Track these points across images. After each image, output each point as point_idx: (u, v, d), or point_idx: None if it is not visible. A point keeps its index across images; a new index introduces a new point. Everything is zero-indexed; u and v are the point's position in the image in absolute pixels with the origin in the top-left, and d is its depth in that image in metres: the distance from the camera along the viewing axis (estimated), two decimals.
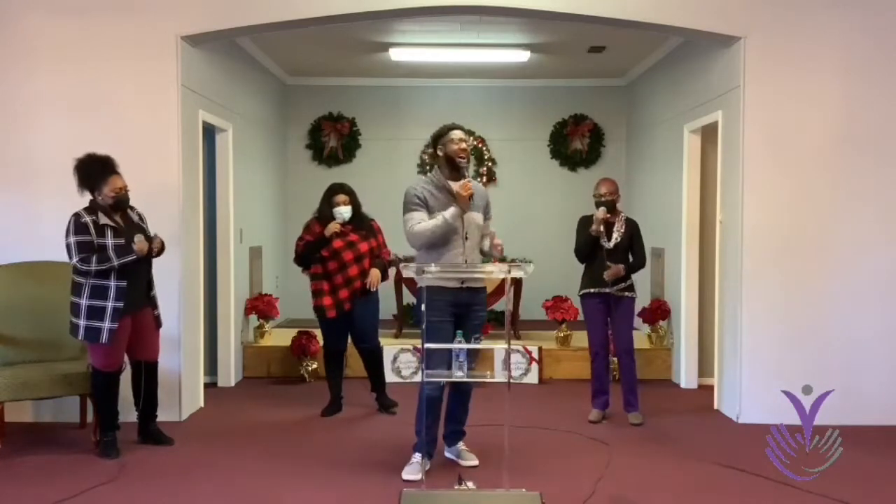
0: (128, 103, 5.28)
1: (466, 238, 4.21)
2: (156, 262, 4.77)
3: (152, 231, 4.72)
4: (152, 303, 4.75)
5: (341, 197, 5.46)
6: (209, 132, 6.22)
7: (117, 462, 4.49)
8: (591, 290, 5.33)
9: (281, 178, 8.80)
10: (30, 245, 5.18)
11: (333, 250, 5.39)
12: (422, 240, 4.21)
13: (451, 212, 4.13)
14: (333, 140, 9.09)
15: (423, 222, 4.18)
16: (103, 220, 4.49)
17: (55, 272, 5.07)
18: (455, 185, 4.19)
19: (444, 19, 6.55)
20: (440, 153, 4.27)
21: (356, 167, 9.02)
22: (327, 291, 5.44)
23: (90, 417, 4.96)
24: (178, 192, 5.31)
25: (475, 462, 4.34)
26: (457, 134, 4.24)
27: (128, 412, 4.83)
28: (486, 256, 4.53)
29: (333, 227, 5.38)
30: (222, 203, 6.44)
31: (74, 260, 4.42)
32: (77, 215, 4.51)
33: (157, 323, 4.80)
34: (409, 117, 9.06)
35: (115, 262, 4.41)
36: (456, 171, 4.24)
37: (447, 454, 4.41)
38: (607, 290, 5.27)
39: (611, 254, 5.26)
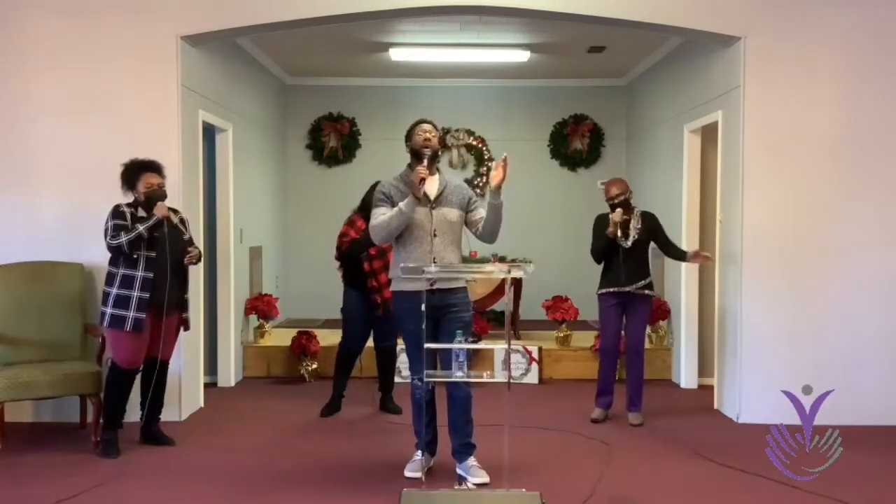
0: (128, 103, 5.28)
1: (435, 235, 4.08)
2: None
3: (192, 237, 4.87)
4: (185, 305, 4.82)
5: None
6: (209, 132, 6.22)
7: (117, 462, 4.49)
8: (611, 290, 5.31)
9: (281, 178, 8.80)
10: (30, 245, 5.18)
11: (381, 249, 5.30)
12: (381, 233, 4.10)
13: (404, 202, 4.02)
14: (333, 140, 9.09)
15: (379, 217, 4.10)
16: (141, 213, 4.59)
17: (56, 272, 5.07)
18: (419, 184, 4.03)
19: (444, 19, 6.55)
20: (409, 149, 4.21)
21: (356, 167, 9.02)
22: (376, 290, 5.38)
23: (90, 417, 4.95)
24: (178, 192, 5.30)
25: (485, 479, 4.09)
26: (423, 126, 4.19)
27: (129, 413, 4.82)
28: (488, 237, 4.24)
29: None
30: (222, 203, 6.44)
31: (107, 238, 4.49)
32: (117, 205, 4.62)
33: (186, 326, 4.88)
34: (409, 117, 8.81)
35: (141, 229, 4.45)
36: (424, 164, 4.11)
37: (458, 471, 4.24)
38: (627, 289, 5.26)
39: (630, 252, 5.25)
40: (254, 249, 7.31)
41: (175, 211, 4.79)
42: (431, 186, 4.15)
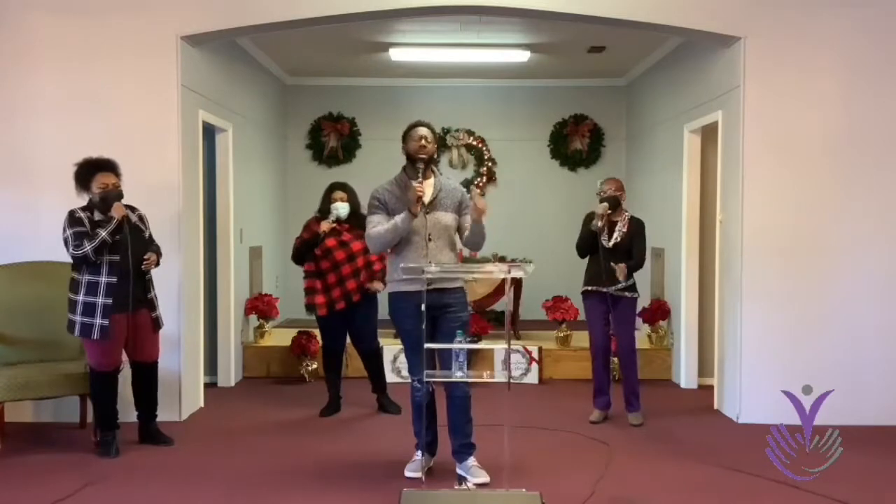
0: (128, 103, 5.28)
1: (430, 239, 4.08)
2: None
3: (151, 234, 4.77)
4: (150, 304, 4.72)
5: (339, 193, 5.50)
6: (209, 132, 6.22)
7: (117, 461, 4.50)
8: (590, 289, 5.33)
9: (281, 178, 8.80)
10: (30, 245, 5.18)
11: (326, 248, 5.39)
12: (376, 244, 4.13)
13: (401, 217, 4.02)
14: (333, 140, 9.09)
15: (378, 226, 4.09)
16: (98, 217, 4.51)
17: (55, 272, 5.07)
18: (415, 198, 4.02)
19: (444, 19, 6.55)
20: (404, 152, 4.19)
21: (356, 167, 9.01)
22: (320, 290, 5.44)
23: (90, 417, 4.95)
24: (178, 192, 5.31)
25: (486, 479, 4.10)
26: (419, 131, 4.14)
27: (128, 412, 4.83)
28: (472, 248, 4.28)
29: (326, 225, 5.40)
30: (222, 203, 6.44)
31: (70, 249, 4.42)
32: (71, 211, 4.53)
33: (156, 324, 4.77)
34: (409, 117, 8.79)
35: (104, 234, 4.39)
36: (421, 174, 4.10)
37: (458, 471, 4.25)
38: (604, 289, 5.26)
39: (610, 253, 5.24)
40: (254, 249, 7.31)
41: (133, 209, 4.71)
42: (426, 191, 4.12)
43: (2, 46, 5.28)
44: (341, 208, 5.44)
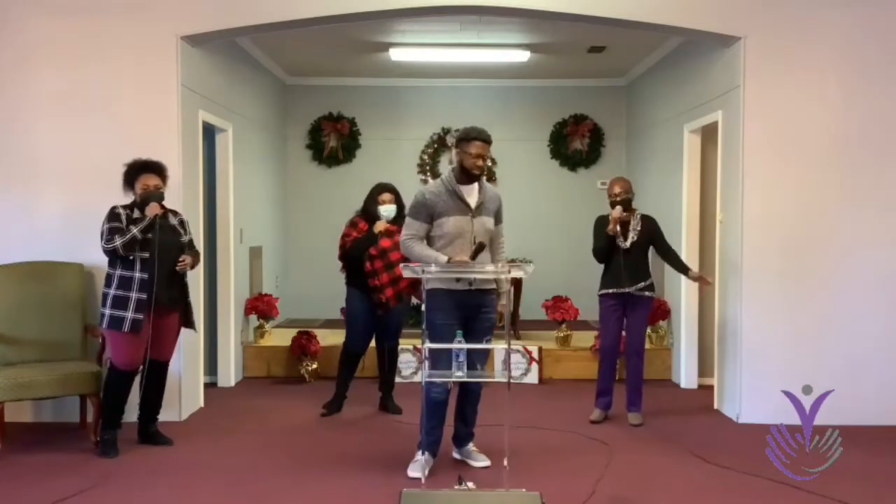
0: (128, 103, 5.28)
1: (475, 242, 4.21)
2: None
3: (192, 239, 4.91)
4: (184, 308, 4.82)
5: (387, 195, 5.43)
6: (209, 132, 6.22)
7: (117, 461, 4.50)
8: (610, 291, 5.30)
9: (281, 178, 8.79)
10: (30, 245, 5.18)
11: (382, 249, 5.34)
12: (408, 256, 4.28)
13: (443, 261, 4.12)
14: (333, 140, 9.08)
15: (418, 243, 4.21)
16: (137, 214, 4.58)
17: (56, 272, 5.07)
18: (460, 256, 4.15)
19: (444, 19, 6.55)
20: (457, 156, 4.30)
21: (356, 167, 9.01)
22: (375, 289, 5.38)
23: (90, 417, 4.95)
24: (178, 192, 5.30)
25: (486, 463, 4.33)
26: (477, 147, 4.22)
27: (127, 412, 4.82)
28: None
29: (381, 226, 5.35)
30: (222, 203, 6.44)
31: (102, 242, 4.49)
32: (113, 207, 4.62)
33: (188, 325, 4.88)
34: (409, 117, 9.07)
35: (135, 231, 4.46)
36: (469, 180, 4.27)
37: (456, 455, 4.39)
38: (626, 289, 5.25)
39: (628, 253, 5.25)
40: (254, 249, 7.31)
41: (175, 213, 4.81)
42: (472, 196, 4.27)
43: (2, 46, 5.27)
44: (391, 211, 5.38)
